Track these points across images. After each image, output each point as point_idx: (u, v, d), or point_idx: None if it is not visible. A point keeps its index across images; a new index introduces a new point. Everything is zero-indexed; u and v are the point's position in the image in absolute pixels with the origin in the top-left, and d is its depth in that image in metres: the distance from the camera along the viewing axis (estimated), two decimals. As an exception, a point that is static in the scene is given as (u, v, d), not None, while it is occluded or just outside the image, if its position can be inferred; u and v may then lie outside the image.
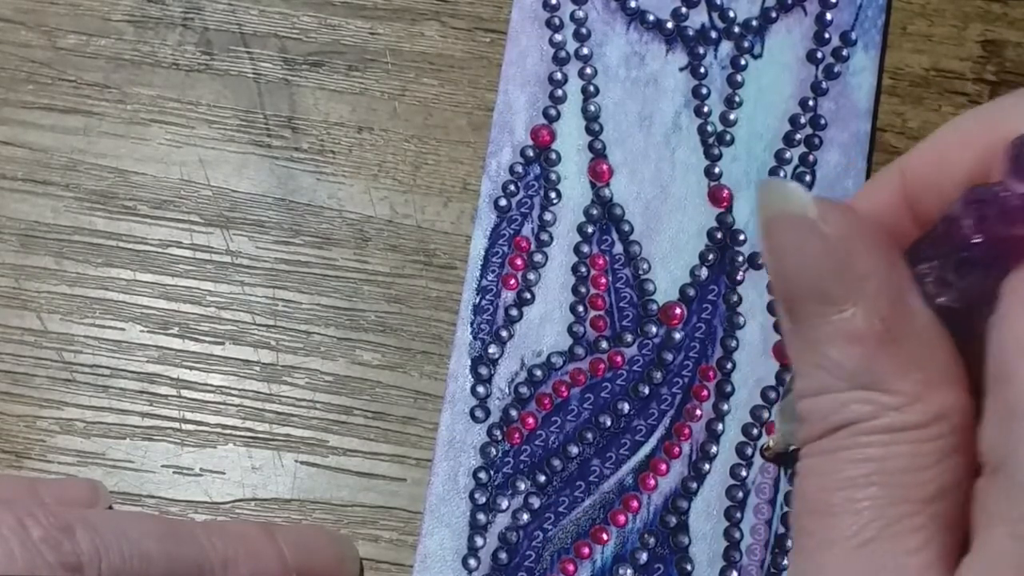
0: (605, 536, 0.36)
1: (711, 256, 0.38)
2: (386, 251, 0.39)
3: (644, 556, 0.36)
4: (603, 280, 0.38)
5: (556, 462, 0.37)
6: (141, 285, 0.38)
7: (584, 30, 0.39)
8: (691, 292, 0.38)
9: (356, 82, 0.40)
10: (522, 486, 0.37)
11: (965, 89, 0.39)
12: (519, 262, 0.38)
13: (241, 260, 0.39)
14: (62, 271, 0.38)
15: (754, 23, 0.39)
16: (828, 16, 0.39)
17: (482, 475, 0.37)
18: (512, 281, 0.38)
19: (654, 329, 0.37)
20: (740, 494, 0.36)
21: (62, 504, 0.34)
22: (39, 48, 0.40)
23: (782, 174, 0.38)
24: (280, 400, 0.38)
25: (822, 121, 0.38)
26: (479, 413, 0.37)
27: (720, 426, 0.37)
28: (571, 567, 0.36)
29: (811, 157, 0.38)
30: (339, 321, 0.38)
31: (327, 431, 0.38)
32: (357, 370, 0.38)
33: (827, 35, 0.39)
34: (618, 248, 0.38)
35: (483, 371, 0.37)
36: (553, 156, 0.38)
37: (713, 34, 0.39)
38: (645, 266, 0.38)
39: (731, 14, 0.39)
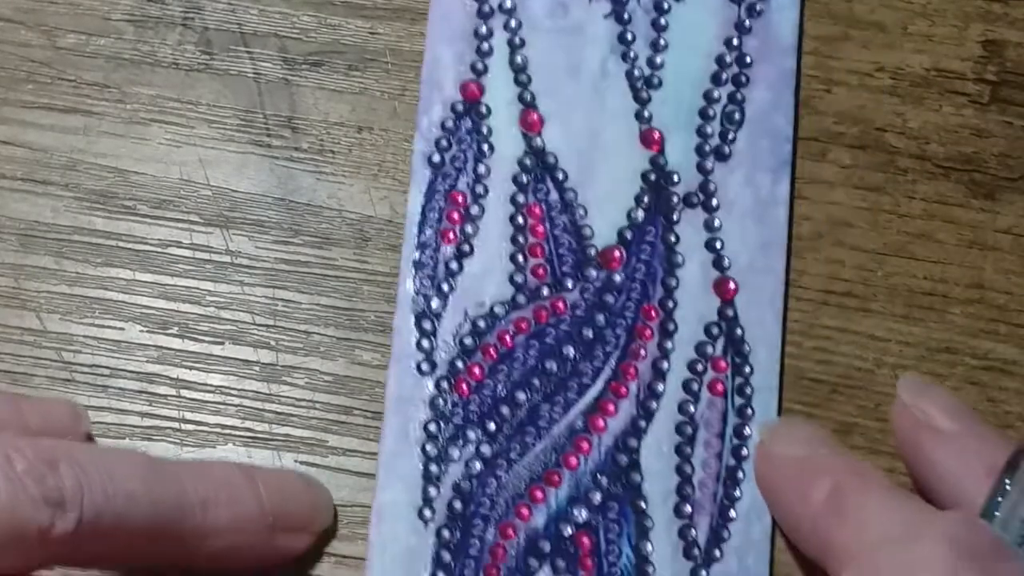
0: (558, 479, 0.36)
1: (646, 198, 0.38)
2: (386, 251, 0.38)
3: (598, 496, 0.36)
4: (541, 228, 0.38)
5: (505, 410, 0.37)
6: (140, 285, 0.38)
7: None
8: (629, 235, 0.38)
9: (356, 82, 0.40)
10: (473, 436, 0.37)
11: (966, 89, 0.39)
12: (456, 216, 0.38)
13: (241, 260, 0.39)
14: (61, 271, 0.38)
15: None
16: None
17: (432, 427, 0.37)
18: (450, 235, 0.38)
19: (594, 273, 0.38)
20: (689, 429, 0.37)
21: (45, 426, 0.35)
22: (39, 48, 0.40)
23: (711, 113, 0.39)
24: (280, 400, 0.38)
25: (747, 59, 0.39)
26: (425, 367, 0.37)
27: (665, 364, 0.37)
28: (526, 511, 0.36)
29: (739, 95, 0.39)
30: (339, 321, 0.38)
31: (327, 431, 0.37)
32: (357, 370, 0.38)
33: None
34: (554, 196, 0.38)
35: (427, 325, 0.37)
36: (483, 110, 0.39)
37: None
38: (581, 212, 0.38)
39: None
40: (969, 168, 0.39)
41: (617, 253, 0.38)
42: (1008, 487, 0.31)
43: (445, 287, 0.38)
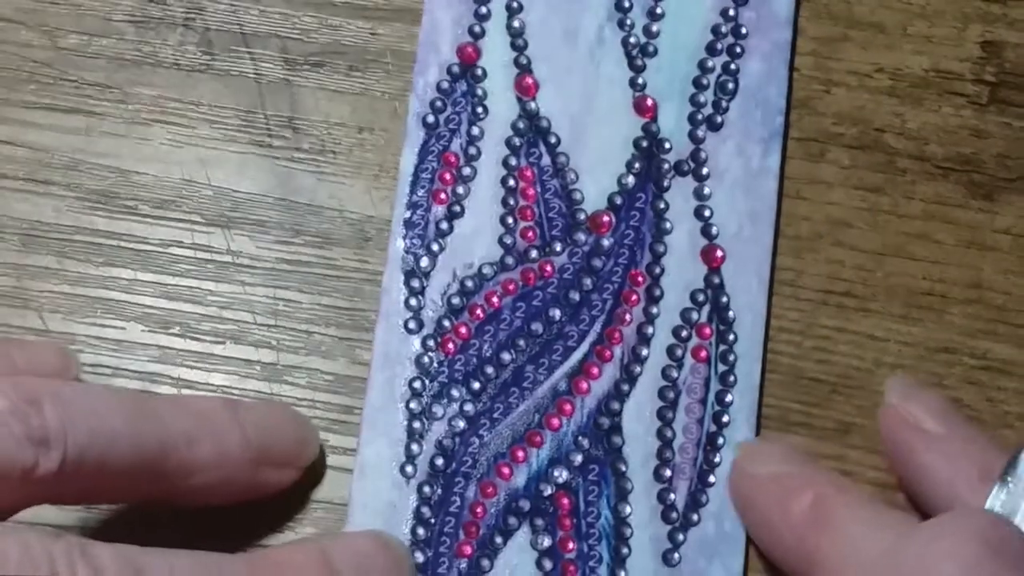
0: (540, 439, 0.37)
1: (637, 165, 0.38)
2: (387, 251, 0.39)
3: (579, 458, 0.37)
4: (532, 191, 0.38)
5: (490, 370, 0.37)
6: (142, 284, 0.39)
7: None
8: (619, 200, 0.38)
9: (357, 82, 0.40)
10: (457, 394, 0.37)
11: (965, 90, 0.39)
12: (448, 177, 0.38)
13: (242, 260, 0.39)
14: (63, 271, 0.39)
15: None
16: None
17: (417, 384, 0.37)
18: (442, 195, 0.38)
19: (583, 237, 0.38)
20: (672, 394, 0.37)
21: (33, 368, 0.34)
22: (40, 48, 0.40)
23: (705, 83, 0.39)
24: (281, 399, 0.38)
25: (743, 31, 0.39)
26: (413, 325, 0.37)
27: (651, 329, 0.37)
28: (507, 471, 0.37)
29: (733, 66, 0.39)
30: (340, 321, 0.38)
31: (327, 431, 0.38)
32: (358, 370, 0.38)
33: None
34: (546, 160, 0.39)
35: (416, 284, 0.38)
36: (479, 72, 0.39)
37: None
38: (573, 176, 0.38)
39: None
40: (968, 169, 0.39)
41: (607, 218, 0.38)
42: (1010, 484, 0.31)
43: (435, 247, 0.38)
